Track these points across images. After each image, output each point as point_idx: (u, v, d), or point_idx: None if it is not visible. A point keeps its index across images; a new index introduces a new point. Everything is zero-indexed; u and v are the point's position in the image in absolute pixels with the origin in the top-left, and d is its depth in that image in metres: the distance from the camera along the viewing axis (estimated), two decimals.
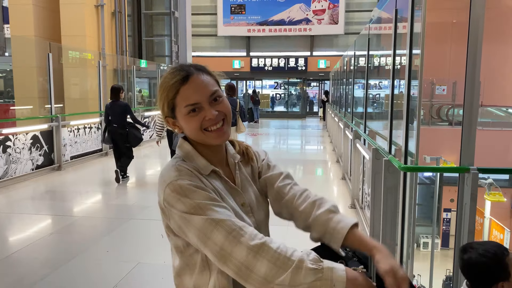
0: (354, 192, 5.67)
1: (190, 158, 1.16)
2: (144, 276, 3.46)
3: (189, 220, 1.04)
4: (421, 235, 9.98)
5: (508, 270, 1.49)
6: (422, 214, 8.07)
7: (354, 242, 1.11)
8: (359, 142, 5.35)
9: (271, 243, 1.01)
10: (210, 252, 1.03)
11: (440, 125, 12.99)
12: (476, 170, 2.50)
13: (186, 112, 1.12)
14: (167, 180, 1.09)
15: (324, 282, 0.96)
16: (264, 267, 0.97)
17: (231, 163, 1.24)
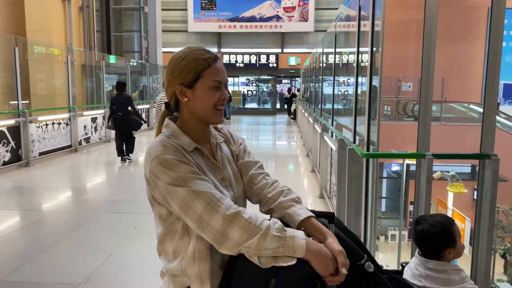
0: (323, 183, 5.87)
1: (176, 136, 1.27)
2: (118, 266, 3.52)
3: (173, 191, 1.16)
4: (389, 228, 10.36)
5: (454, 238, 1.68)
6: (389, 208, 8.39)
7: (309, 227, 1.24)
8: (327, 135, 5.55)
9: (244, 213, 1.14)
10: (191, 220, 1.15)
11: (406, 121, 13.44)
12: (431, 155, 2.71)
13: (211, 86, 1.25)
14: (153, 154, 1.20)
15: (286, 249, 1.10)
16: (236, 234, 1.10)
17: (213, 143, 1.37)
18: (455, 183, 9.28)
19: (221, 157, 1.36)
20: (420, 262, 1.72)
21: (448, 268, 1.65)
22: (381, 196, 8.79)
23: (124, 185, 6.87)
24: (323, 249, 1.14)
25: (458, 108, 11.94)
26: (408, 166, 4.41)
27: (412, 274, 1.72)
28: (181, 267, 1.22)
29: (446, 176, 8.45)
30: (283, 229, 1.13)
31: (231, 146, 1.44)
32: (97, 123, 11.00)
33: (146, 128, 14.37)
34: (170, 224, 1.25)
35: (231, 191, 1.31)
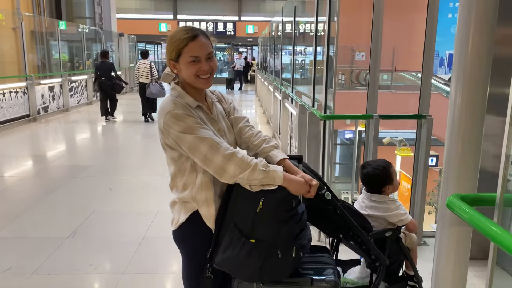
0: (283, 147, 6.35)
1: (181, 97, 1.62)
2: (102, 220, 3.84)
3: (183, 137, 1.52)
4: (342, 191, 11.16)
5: (391, 177, 2.17)
6: (343, 173, 9.03)
7: (285, 166, 1.64)
8: (288, 101, 5.98)
9: (238, 153, 1.52)
10: (198, 158, 1.52)
11: (359, 89, 14.11)
12: (378, 116, 3.20)
13: (189, 60, 1.58)
14: (166, 109, 1.55)
15: (270, 179, 1.50)
16: (233, 168, 1.49)
17: (209, 101, 1.73)
18: (403, 147, 10.10)
19: (216, 112, 1.73)
20: (366, 196, 2.20)
21: (386, 200, 2.14)
22: (335, 162, 9.43)
23: (89, 152, 7.02)
24: (296, 178, 1.55)
25: (407, 77, 12.72)
26: (360, 132, 4.91)
27: (360, 206, 2.20)
28: (191, 195, 1.60)
29: (394, 141, 9.20)
30: (267, 165, 1.53)
31: (223, 104, 1.81)
32: (54, 92, 10.83)
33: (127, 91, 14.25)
34: (180, 164, 1.62)
35: (225, 139, 1.69)
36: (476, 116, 1.37)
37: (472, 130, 1.37)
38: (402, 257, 2.16)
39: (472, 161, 1.38)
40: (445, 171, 1.43)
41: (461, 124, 1.37)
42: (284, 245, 1.49)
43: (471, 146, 1.37)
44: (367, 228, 2.00)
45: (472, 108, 1.37)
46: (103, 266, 3.04)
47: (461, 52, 1.38)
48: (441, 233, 1.46)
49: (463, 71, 1.37)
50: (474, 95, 1.36)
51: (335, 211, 1.87)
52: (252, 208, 1.48)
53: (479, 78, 1.35)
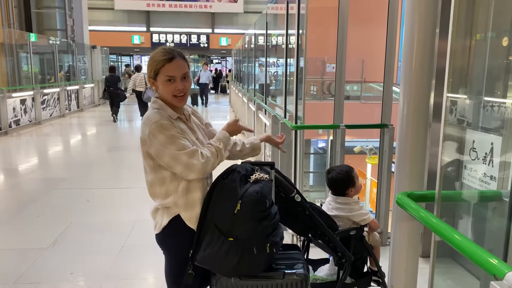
0: (258, 156, 6.53)
1: (163, 109, 1.79)
2: (81, 231, 3.91)
3: (166, 147, 1.69)
4: (316, 200, 11.43)
5: (354, 180, 2.38)
6: (316, 181, 9.27)
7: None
8: (261, 112, 6.20)
9: (209, 157, 1.73)
10: (179, 168, 1.70)
11: (330, 100, 14.44)
12: (344, 126, 3.44)
13: (165, 80, 1.76)
14: (152, 119, 1.71)
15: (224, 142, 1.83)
16: (210, 167, 1.73)
17: (186, 114, 1.90)
18: (373, 155, 10.45)
19: (193, 123, 1.91)
20: (332, 199, 2.41)
21: (350, 201, 2.35)
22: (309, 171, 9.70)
23: (63, 165, 7.01)
24: (224, 126, 1.95)
25: (376, 87, 13.17)
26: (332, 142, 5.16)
27: (327, 208, 2.41)
28: (173, 201, 1.76)
29: (365, 149, 9.57)
30: (215, 141, 1.83)
31: (197, 115, 2.00)
32: (26, 105, 10.70)
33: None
34: (160, 173, 1.78)
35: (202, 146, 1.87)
36: (421, 123, 1.59)
37: (418, 135, 1.59)
38: (366, 254, 2.38)
39: (419, 163, 1.60)
40: (396, 172, 1.65)
41: (409, 130, 1.60)
42: (259, 243, 1.67)
43: (418, 150, 1.60)
44: (333, 227, 2.21)
45: (418, 116, 1.59)
46: (85, 274, 3.13)
47: (406, 66, 1.61)
48: (394, 228, 1.68)
49: (409, 83, 1.60)
50: (419, 104, 1.59)
51: (304, 212, 2.07)
52: (230, 210, 1.66)
53: (423, 88, 1.58)
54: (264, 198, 1.69)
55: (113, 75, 12.10)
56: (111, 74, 12.12)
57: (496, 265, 0.96)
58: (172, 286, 1.86)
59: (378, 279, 2.46)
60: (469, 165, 2.71)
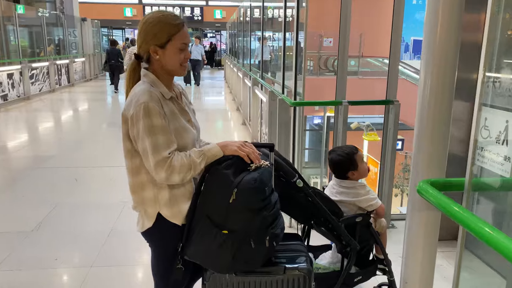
0: (254, 134, 6.33)
1: (156, 85, 1.55)
2: (67, 213, 3.71)
3: (143, 137, 1.46)
4: (311, 176, 11.30)
5: (356, 163, 2.18)
6: (312, 158, 9.15)
7: None
8: (257, 88, 5.94)
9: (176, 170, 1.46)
10: (146, 165, 1.49)
11: (327, 75, 14.23)
12: (347, 102, 3.22)
13: (180, 47, 1.54)
14: (141, 100, 1.47)
15: (211, 158, 1.52)
16: (176, 180, 1.49)
17: (177, 91, 1.67)
18: (370, 132, 10.28)
19: (184, 103, 1.68)
20: (336, 182, 2.21)
21: (356, 185, 2.15)
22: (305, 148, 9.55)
23: (53, 142, 6.77)
24: (229, 143, 1.58)
25: (374, 63, 12.91)
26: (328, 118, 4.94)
27: (330, 192, 2.21)
28: (152, 196, 1.55)
29: (362, 126, 9.36)
30: (199, 152, 1.52)
31: (186, 94, 1.76)
32: (14, 79, 10.34)
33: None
34: (135, 160, 1.55)
35: (195, 130, 1.64)
36: (445, 102, 1.37)
37: (441, 115, 1.38)
38: (372, 241, 2.20)
39: (441, 147, 1.39)
40: (415, 157, 1.44)
41: (430, 109, 1.38)
42: (257, 235, 1.47)
43: (440, 132, 1.38)
44: (337, 214, 2.02)
45: (441, 93, 1.37)
46: (70, 260, 2.94)
47: (430, 38, 1.38)
48: (411, 218, 1.48)
49: (432, 56, 1.37)
50: (443, 80, 1.37)
51: (307, 198, 1.87)
52: (225, 199, 1.45)
53: (448, 63, 1.36)
54: (263, 185, 1.49)
55: (114, 48, 12.66)
56: (112, 47, 12.72)
57: None
58: (160, 281, 1.67)
59: (384, 267, 2.29)
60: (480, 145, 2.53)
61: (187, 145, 1.55)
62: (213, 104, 11.98)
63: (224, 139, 1.76)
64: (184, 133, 1.55)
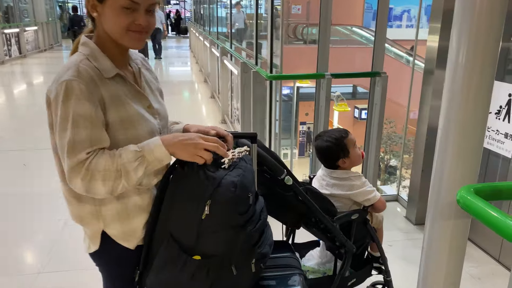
0: (224, 109, 5.92)
1: (95, 57, 1.12)
2: (14, 204, 3.25)
3: (59, 130, 1.05)
4: (282, 147, 11.11)
5: (347, 149, 1.84)
6: (282, 130, 8.84)
7: (189, 130, 1.29)
8: (226, 58, 5.49)
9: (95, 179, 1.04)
10: (64, 165, 1.07)
11: (296, 44, 13.82)
12: (330, 75, 2.87)
13: (124, 5, 1.07)
14: (64, 77, 1.05)
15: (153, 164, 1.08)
16: (97, 193, 1.06)
17: (134, 67, 1.24)
18: (340, 102, 10.05)
19: (145, 83, 1.26)
20: (326, 173, 1.88)
21: (351, 175, 1.83)
22: (276, 119, 9.29)
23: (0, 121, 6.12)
24: (182, 139, 1.11)
25: (342, 31, 12.58)
26: (298, 88, 4.59)
27: (319, 185, 1.89)
28: (91, 210, 1.16)
29: (332, 96, 9.12)
30: (136, 152, 1.07)
31: (151, 69, 1.34)
32: None
33: None
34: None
35: (157, 118, 1.24)
36: (485, 84, 1.05)
37: (480, 102, 1.05)
38: (369, 239, 1.91)
39: (477, 144, 1.08)
40: (441, 154, 1.11)
41: (467, 95, 1.05)
42: (241, 258, 1.13)
43: (476, 122, 1.06)
44: (331, 212, 1.70)
45: (480, 72, 1.04)
46: (16, 262, 2.52)
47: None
48: (434, 229, 1.17)
49: (470, 25, 1.03)
50: (483, 57, 1.04)
51: (297, 197, 1.54)
52: (195, 214, 1.09)
53: (491, 32, 1.02)
54: (245, 192, 1.13)
55: (76, 15, 12.69)
56: (75, 14, 12.81)
57: None
58: None
59: (380, 266, 2.02)
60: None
61: (140, 139, 1.13)
62: (178, 76, 11.37)
63: (191, 114, 1.37)
64: (137, 124, 1.14)
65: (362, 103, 11.49)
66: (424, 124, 2.81)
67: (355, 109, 12.61)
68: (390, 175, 9.77)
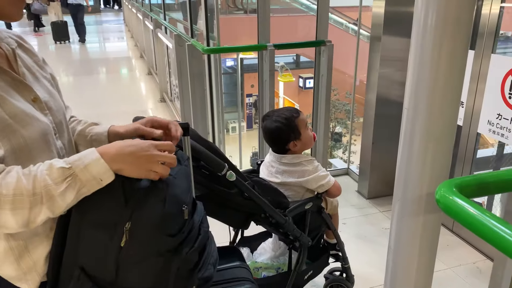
0: (162, 86, 5.53)
1: None
2: None
3: None
4: (229, 121, 10.84)
5: (298, 130, 1.63)
6: (227, 102, 8.62)
7: (119, 133, 1.03)
8: (161, 31, 5.07)
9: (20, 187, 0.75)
10: None
11: (237, 14, 13.38)
12: (273, 46, 2.63)
13: None
14: None
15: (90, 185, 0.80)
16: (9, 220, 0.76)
17: (5, 49, 0.91)
18: (285, 73, 9.88)
19: (25, 68, 0.94)
20: (275, 158, 1.67)
21: (302, 160, 1.63)
22: (223, 92, 8.99)
23: None
24: (123, 147, 0.84)
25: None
26: (241, 60, 4.34)
27: (268, 172, 1.68)
28: None
29: (276, 67, 8.94)
30: (63, 170, 0.79)
31: (32, 56, 1.01)
32: None
33: None
34: None
35: (49, 115, 0.93)
36: (460, 48, 0.86)
37: (453, 72, 0.87)
38: (324, 228, 1.75)
39: (450, 124, 0.90)
40: (407, 138, 0.93)
41: (435, 63, 0.86)
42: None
43: (451, 99, 0.88)
44: (283, 204, 1.51)
45: (453, 36, 0.85)
46: None
47: None
48: (399, 224, 1.00)
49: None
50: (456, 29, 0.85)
51: (242, 194, 1.32)
52: (111, 242, 0.82)
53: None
54: (178, 205, 0.88)
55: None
56: None
57: None
58: None
59: (337, 252, 1.88)
60: None
61: (29, 145, 0.84)
62: (113, 52, 10.62)
63: (128, 94, 1.08)
64: (21, 126, 0.84)
65: (306, 73, 11.44)
66: (373, 92, 2.68)
67: (300, 78, 12.56)
68: (336, 142, 9.87)
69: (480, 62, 2.17)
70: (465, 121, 2.32)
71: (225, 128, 10.11)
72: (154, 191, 0.85)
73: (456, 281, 2.09)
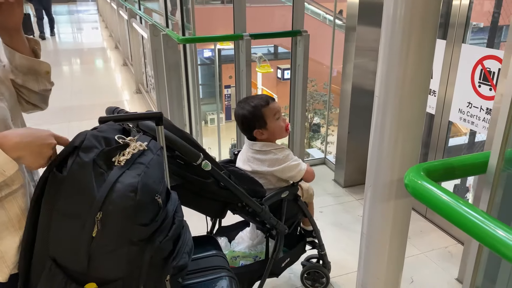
0: (138, 77, 5.44)
1: None
2: None
3: None
4: (208, 113, 10.77)
5: (264, 119, 1.61)
6: (206, 94, 8.57)
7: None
8: (136, 21, 4.98)
9: None
10: None
11: (214, 4, 13.24)
12: (249, 36, 2.62)
13: None
14: None
15: None
16: None
17: None
18: (263, 64, 9.83)
19: None
20: (248, 145, 1.67)
21: (272, 148, 1.62)
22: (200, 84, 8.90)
23: None
24: (22, 135, 0.82)
25: None
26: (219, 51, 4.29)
27: (243, 160, 1.68)
28: None
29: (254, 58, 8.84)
30: None
31: None
32: None
33: None
34: None
35: (4, 100, 0.91)
36: (428, 38, 0.88)
37: (422, 61, 0.89)
38: (301, 215, 1.77)
39: (419, 111, 0.92)
40: (378, 126, 0.95)
41: (404, 53, 0.88)
42: (151, 278, 0.89)
43: (419, 86, 0.90)
44: (259, 193, 1.52)
45: (422, 26, 0.87)
46: None
47: None
48: (371, 211, 1.03)
49: None
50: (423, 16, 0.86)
51: (218, 184, 1.32)
52: (82, 232, 0.82)
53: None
54: (150, 195, 0.87)
55: None
56: None
57: None
58: None
59: (313, 240, 1.91)
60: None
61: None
62: (87, 43, 10.36)
63: (103, 86, 1.05)
64: None
65: (284, 63, 11.45)
66: (349, 82, 2.70)
67: (278, 69, 12.57)
68: (315, 132, 9.96)
69: (452, 52, 2.22)
70: (437, 109, 2.37)
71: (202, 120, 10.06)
72: (127, 178, 0.84)
73: (429, 265, 2.16)
